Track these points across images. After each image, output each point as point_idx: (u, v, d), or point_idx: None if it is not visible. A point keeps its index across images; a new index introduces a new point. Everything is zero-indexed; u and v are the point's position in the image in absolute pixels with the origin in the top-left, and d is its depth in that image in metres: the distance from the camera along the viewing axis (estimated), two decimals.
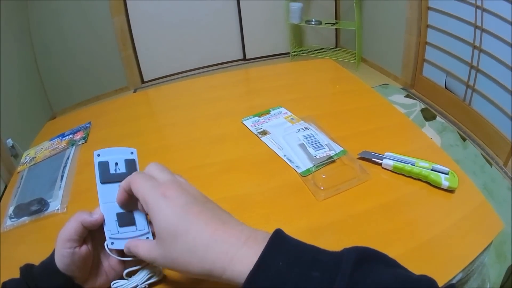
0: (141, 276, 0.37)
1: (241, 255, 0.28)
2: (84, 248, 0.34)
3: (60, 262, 0.33)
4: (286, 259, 0.27)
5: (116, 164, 0.37)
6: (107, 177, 0.36)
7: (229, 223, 0.30)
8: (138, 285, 0.37)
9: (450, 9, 1.99)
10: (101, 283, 0.37)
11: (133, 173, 0.35)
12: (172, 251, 0.30)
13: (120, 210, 0.36)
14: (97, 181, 0.36)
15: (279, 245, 0.28)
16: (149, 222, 0.36)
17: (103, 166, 0.36)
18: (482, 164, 1.69)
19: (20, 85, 2.10)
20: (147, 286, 0.37)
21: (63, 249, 0.33)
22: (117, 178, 0.36)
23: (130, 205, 0.36)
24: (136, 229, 0.36)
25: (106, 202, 0.36)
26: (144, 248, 0.33)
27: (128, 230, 0.36)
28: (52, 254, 0.35)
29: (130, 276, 0.37)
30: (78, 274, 0.34)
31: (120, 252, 0.36)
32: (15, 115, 1.96)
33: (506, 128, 1.72)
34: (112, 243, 0.35)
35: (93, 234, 0.36)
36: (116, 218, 0.36)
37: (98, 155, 0.36)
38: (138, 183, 0.33)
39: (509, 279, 1.15)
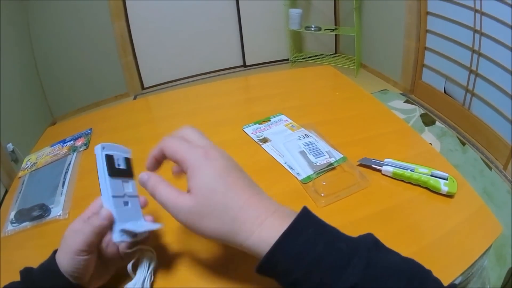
0: (144, 267, 0.37)
1: (269, 222, 0.30)
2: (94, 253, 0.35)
3: (71, 267, 0.33)
4: (314, 230, 0.29)
5: (117, 159, 0.37)
6: (113, 171, 0.36)
7: (261, 195, 0.32)
8: (145, 277, 0.37)
9: (449, 13, 1.99)
10: (99, 283, 0.37)
11: (164, 138, 0.34)
12: (206, 205, 0.30)
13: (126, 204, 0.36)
14: (104, 174, 0.35)
15: (309, 217, 0.31)
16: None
17: (110, 160, 0.36)
18: (481, 168, 1.70)
19: (20, 90, 2.11)
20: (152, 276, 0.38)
21: (77, 257, 0.33)
22: (120, 174, 0.36)
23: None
24: (144, 219, 0.37)
25: (116, 196, 0.36)
26: (168, 191, 0.33)
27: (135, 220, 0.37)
28: (52, 256, 0.35)
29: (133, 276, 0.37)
30: (86, 278, 0.35)
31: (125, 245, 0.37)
32: (15, 119, 1.96)
33: (506, 132, 1.72)
34: (122, 235, 0.35)
35: None
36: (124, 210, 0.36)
37: (103, 148, 0.36)
38: (174, 146, 0.33)
39: (509, 281, 1.16)
